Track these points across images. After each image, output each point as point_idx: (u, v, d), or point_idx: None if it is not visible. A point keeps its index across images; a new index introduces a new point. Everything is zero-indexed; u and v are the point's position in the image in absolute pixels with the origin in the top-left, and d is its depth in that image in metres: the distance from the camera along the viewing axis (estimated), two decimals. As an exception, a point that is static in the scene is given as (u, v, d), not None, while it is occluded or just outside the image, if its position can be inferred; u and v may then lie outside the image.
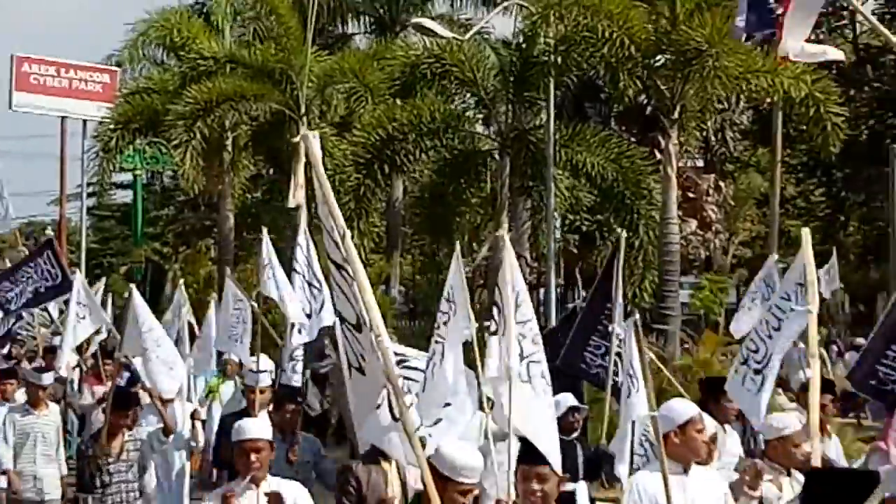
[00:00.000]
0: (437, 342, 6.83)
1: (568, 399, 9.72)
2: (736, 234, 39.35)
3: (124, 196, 44.75)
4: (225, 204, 28.28)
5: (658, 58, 20.66)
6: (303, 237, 12.44)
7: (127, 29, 29.26)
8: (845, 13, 29.52)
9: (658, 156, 28.38)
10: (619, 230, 8.23)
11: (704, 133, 28.42)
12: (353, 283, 5.90)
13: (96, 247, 46.86)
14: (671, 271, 21.22)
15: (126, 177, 38.43)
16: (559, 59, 21.43)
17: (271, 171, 32.87)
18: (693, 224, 32.58)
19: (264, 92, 25.49)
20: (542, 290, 35.17)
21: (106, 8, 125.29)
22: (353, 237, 19.12)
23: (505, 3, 23.90)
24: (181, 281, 18.05)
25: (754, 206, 39.21)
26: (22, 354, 18.86)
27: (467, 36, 23.41)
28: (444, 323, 6.88)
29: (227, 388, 14.72)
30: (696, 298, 30.61)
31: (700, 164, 34.39)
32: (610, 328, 10.02)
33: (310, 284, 12.06)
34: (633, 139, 28.69)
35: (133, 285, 12.23)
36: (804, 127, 28.89)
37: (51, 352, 15.46)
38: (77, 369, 15.39)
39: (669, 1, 20.48)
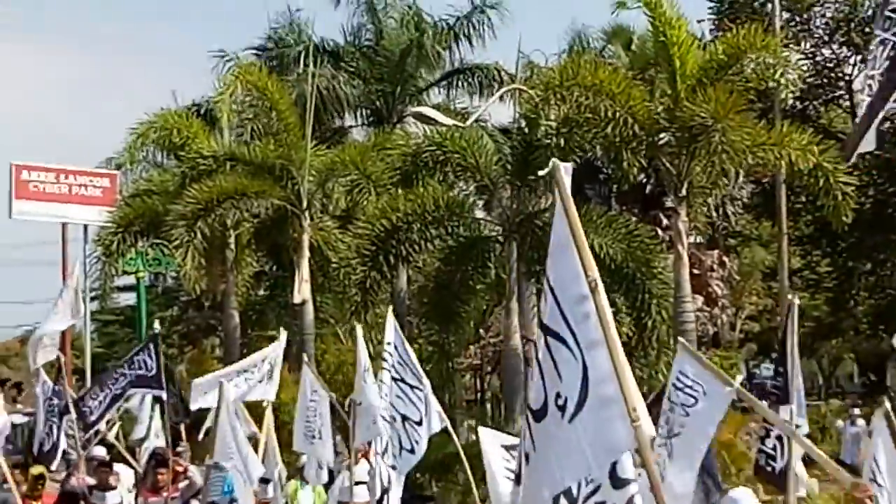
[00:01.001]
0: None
1: None
2: (742, 309, 39.14)
3: (127, 299, 44.56)
4: (229, 302, 28.05)
5: (662, 135, 20.58)
6: (393, 334, 11.90)
7: (126, 132, 29.29)
8: (841, 83, 29.62)
9: (661, 234, 28.36)
10: (790, 297, 8.06)
11: (706, 209, 28.37)
12: (576, 353, 4.98)
13: (101, 351, 46.53)
14: (689, 350, 20.88)
15: (129, 280, 38.27)
16: (562, 142, 21.34)
17: (274, 267, 32.74)
18: (699, 300, 32.40)
19: (265, 188, 25.41)
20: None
21: (102, 111, 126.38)
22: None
23: (506, 88, 23.92)
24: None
25: (759, 279, 39.06)
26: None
27: (468, 122, 23.37)
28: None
29: (306, 496, 14.42)
30: (707, 375, 30.29)
31: (700, 240, 34.35)
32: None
33: (412, 386, 11.61)
34: (633, 218, 28.61)
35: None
36: (810, 198, 29.00)
37: (104, 465, 15.17)
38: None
39: (670, 78, 20.45)
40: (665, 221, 31.12)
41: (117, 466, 15.30)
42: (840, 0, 28.35)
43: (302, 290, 25.47)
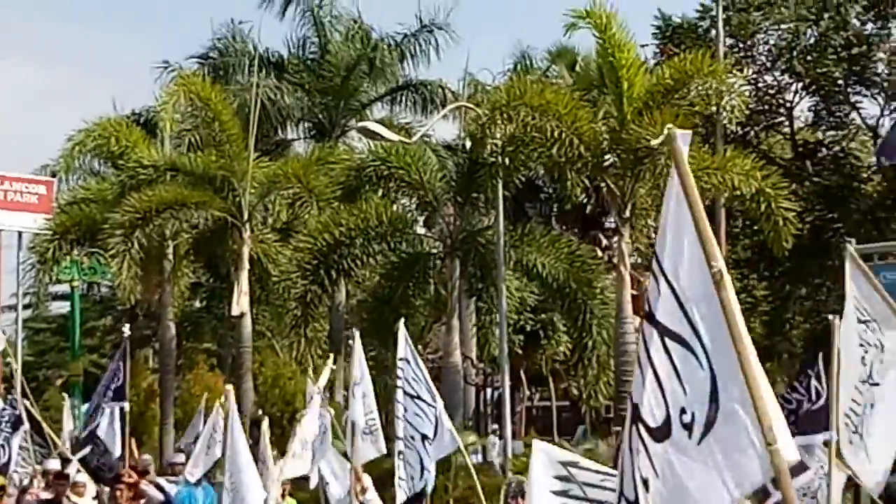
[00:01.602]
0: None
1: None
2: (679, 331, 39.33)
3: (60, 307, 43.93)
4: (165, 313, 27.67)
5: (607, 157, 20.64)
6: (405, 348, 11.63)
7: (63, 138, 28.81)
8: (782, 110, 29.90)
9: (600, 254, 28.48)
10: (831, 317, 7.73)
11: (645, 231, 28.55)
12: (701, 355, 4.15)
13: (31, 359, 45.72)
14: (629, 371, 20.93)
15: (62, 287, 37.67)
16: (507, 160, 21.34)
17: (211, 279, 32.38)
18: (637, 321, 32.56)
19: (206, 199, 25.15)
20: (489, 391, 34.84)
21: (37, 117, 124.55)
22: (300, 344, 18.65)
23: (453, 106, 23.89)
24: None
25: (696, 301, 39.27)
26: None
27: (414, 138, 23.32)
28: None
29: None
30: (644, 396, 30.46)
31: (639, 260, 34.54)
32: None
33: (428, 404, 11.34)
34: (575, 238, 28.74)
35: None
36: (747, 222, 29.24)
37: (60, 477, 14.89)
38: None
39: (617, 100, 20.53)
40: (605, 242, 31.31)
41: (81, 477, 15.06)
42: (783, 28, 28.62)
43: (241, 303, 25.22)
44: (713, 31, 26.43)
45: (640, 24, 39.34)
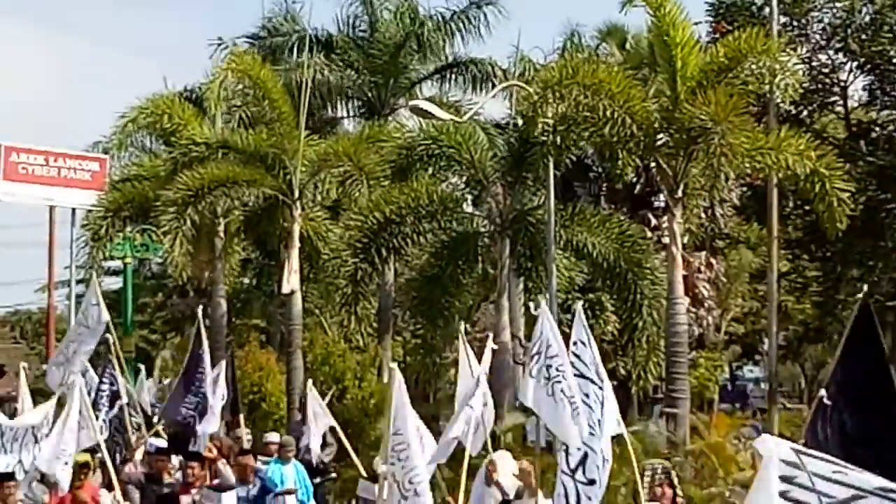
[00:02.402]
0: None
1: None
2: (728, 311, 39.14)
3: (112, 283, 44.30)
4: (217, 290, 27.85)
5: (659, 136, 20.50)
6: (581, 330, 11.57)
7: (116, 116, 29.06)
8: (836, 89, 29.59)
9: (650, 234, 28.32)
10: (860, 287, 7.52)
11: (696, 211, 28.37)
12: None
13: (84, 335, 46.26)
14: (679, 353, 20.89)
15: (114, 263, 38.05)
16: (558, 140, 21.22)
17: (261, 256, 32.58)
18: (686, 301, 32.46)
19: (257, 177, 25.22)
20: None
21: (91, 95, 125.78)
22: (349, 322, 18.86)
23: (505, 85, 23.81)
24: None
25: (746, 282, 39.08)
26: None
27: (465, 117, 23.26)
28: None
29: None
30: (692, 376, 30.37)
31: (687, 240, 34.35)
32: None
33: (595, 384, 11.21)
34: (623, 218, 28.65)
35: None
36: (800, 202, 28.96)
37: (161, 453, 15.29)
38: None
39: (670, 79, 20.38)
40: (654, 222, 31.12)
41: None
42: (838, 6, 28.28)
43: (291, 281, 25.32)
44: (767, 9, 26.15)
45: (694, 2, 39.01)
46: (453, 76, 32.89)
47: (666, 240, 22.33)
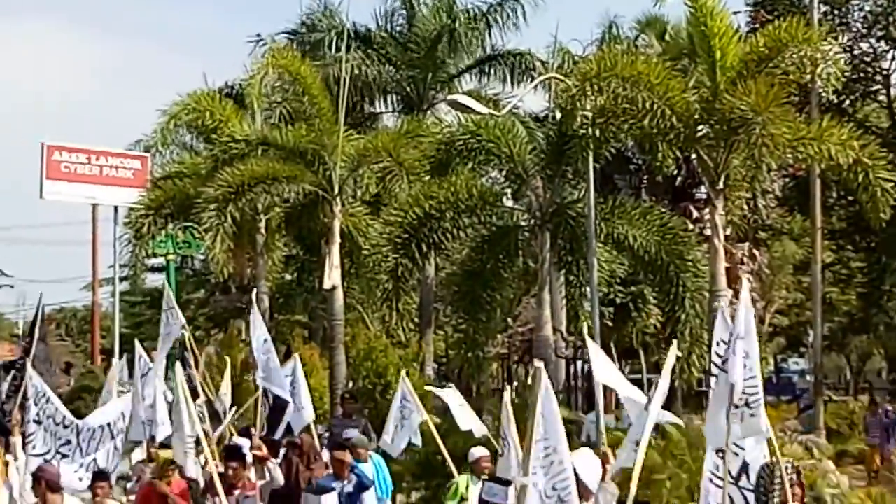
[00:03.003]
0: None
1: None
2: (772, 303, 38.87)
3: (155, 280, 44.66)
4: (259, 286, 27.97)
5: (699, 127, 20.35)
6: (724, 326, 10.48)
7: (157, 113, 29.24)
8: (879, 77, 29.31)
9: (691, 226, 28.16)
10: None
11: (738, 202, 28.20)
12: None
13: (128, 332, 46.61)
14: (723, 345, 20.71)
15: (157, 260, 38.36)
16: (597, 132, 21.12)
17: (302, 251, 32.69)
18: (729, 293, 32.26)
19: (297, 173, 25.29)
20: (579, 364, 34.76)
21: (131, 92, 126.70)
22: (391, 317, 18.77)
23: (543, 78, 23.73)
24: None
25: (789, 273, 38.80)
26: None
27: (504, 111, 23.20)
28: None
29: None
30: (736, 369, 30.14)
31: (729, 232, 34.11)
32: None
33: None
34: (664, 210, 28.53)
35: None
36: (843, 192, 28.72)
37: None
38: None
39: (709, 70, 20.22)
40: (695, 214, 30.94)
41: None
42: (879, -7, 28.10)
43: (332, 277, 25.38)
44: (807, -2, 25.94)
45: (732, -8, 38.69)
46: (492, 69, 32.90)
47: (708, 231, 22.19)
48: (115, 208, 34.81)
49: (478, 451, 13.72)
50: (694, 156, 22.07)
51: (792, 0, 28.50)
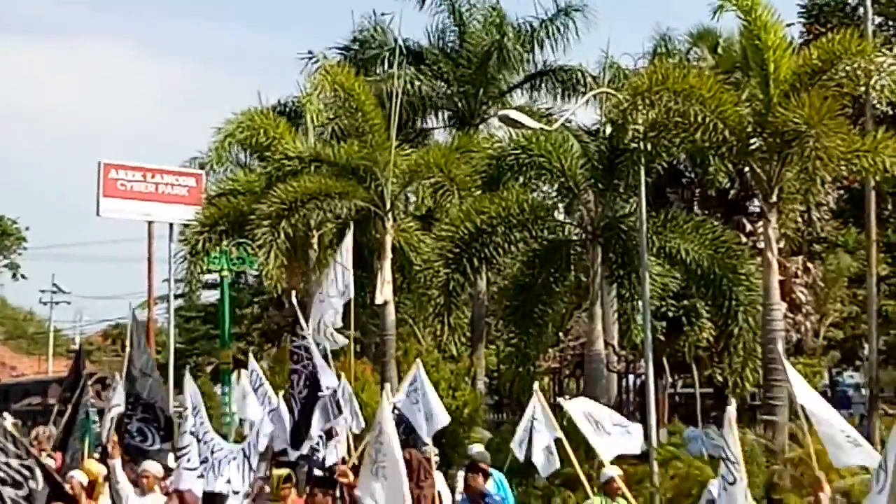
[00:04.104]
0: None
1: None
2: (826, 316, 38.45)
3: (209, 296, 45.08)
4: (312, 302, 28.14)
5: (752, 141, 20.27)
6: None
7: (211, 131, 29.58)
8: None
9: (744, 239, 28.01)
10: None
11: (792, 215, 28.00)
12: None
13: (183, 347, 47.10)
14: (776, 359, 20.60)
15: (212, 276, 38.73)
16: (649, 146, 21.12)
17: (354, 267, 32.82)
18: (783, 307, 32.01)
19: (349, 189, 25.49)
20: (631, 378, 34.62)
21: (185, 111, 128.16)
22: (442, 332, 18.63)
23: (594, 92, 23.74)
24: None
25: (844, 286, 38.39)
26: None
27: (555, 126, 23.26)
28: None
29: None
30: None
31: (782, 245, 33.83)
32: None
33: None
34: (716, 224, 28.37)
35: None
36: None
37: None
38: None
39: (762, 83, 20.15)
40: (748, 227, 30.75)
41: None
42: (934, 3, 27.83)
43: (384, 292, 25.51)
44: (861, 9, 25.76)
45: (786, 4, 38.51)
46: (543, 84, 32.94)
47: (761, 245, 22.08)
48: (171, 225, 35.21)
49: (610, 471, 13.21)
50: (747, 169, 21.99)
51: (846, 11, 28.35)
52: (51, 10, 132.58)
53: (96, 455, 15.47)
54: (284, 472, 12.84)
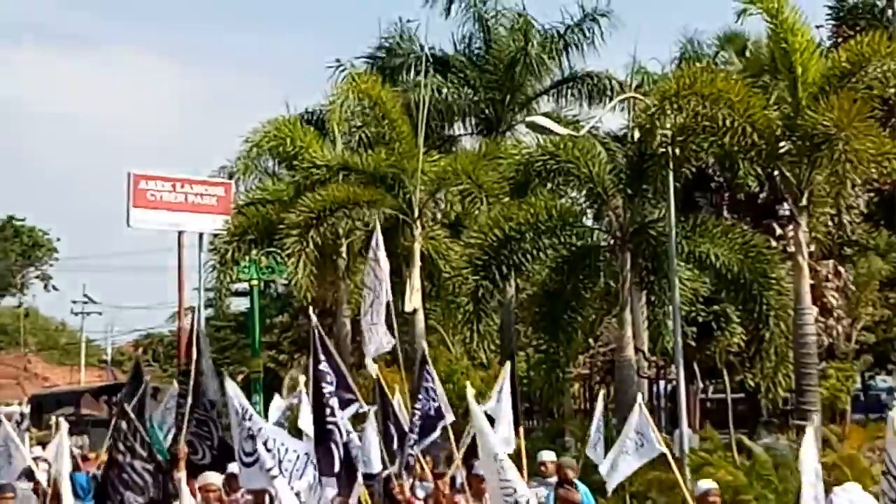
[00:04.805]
0: None
1: None
2: (858, 320, 38.17)
3: (239, 304, 45.18)
4: (342, 310, 28.22)
5: (781, 144, 20.16)
6: None
7: (239, 141, 29.67)
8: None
9: (774, 244, 27.86)
10: None
11: (824, 218, 27.83)
12: None
13: (213, 356, 47.06)
14: (809, 364, 20.50)
15: (241, 285, 38.79)
16: (677, 151, 21.04)
17: (383, 275, 32.85)
18: (814, 311, 31.79)
19: (377, 197, 25.53)
20: (661, 384, 34.47)
21: (213, 120, 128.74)
22: (472, 339, 18.42)
23: (621, 97, 23.69)
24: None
25: (876, 289, 38.10)
26: None
27: (582, 132, 23.20)
28: None
29: None
30: (823, 387, 29.68)
31: (813, 248, 33.61)
32: None
33: None
34: (748, 228, 28.22)
35: None
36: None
37: None
38: None
39: (791, 86, 20.05)
40: (778, 231, 30.60)
41: None
42: (963, 4, 27.58)
43: (413, 299, 25.51)
44: (889, 11, 25.62)
45: (814, 6, 38.34)
46: (570, 90, 32.84)
47: (792, 249, 21.96)
48: (200, 235, 35.28)
49: (705, 484, 12.73)
50: (776, 173, 21.85)
51: (874, 14, 28.17)
52: (81, 21, 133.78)
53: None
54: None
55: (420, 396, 13.44)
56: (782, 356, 21.84)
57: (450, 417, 13.23)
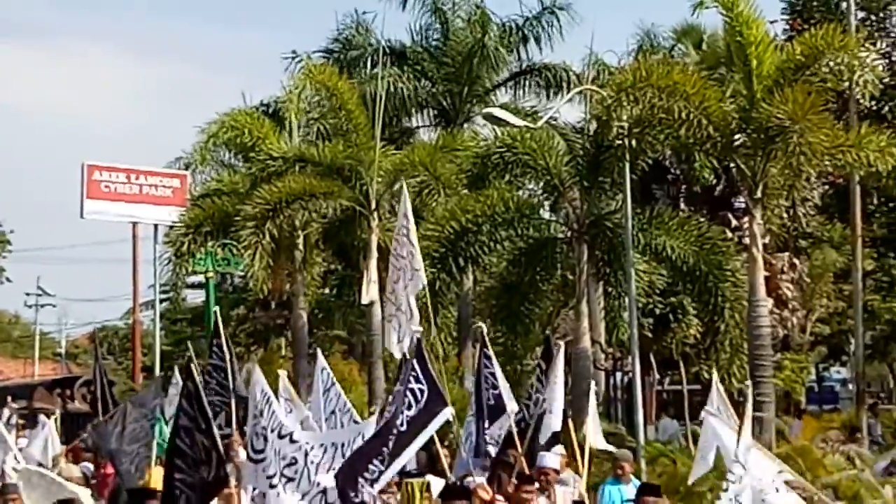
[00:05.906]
0: None
1: None
2: (813, 312, 38.50)
3: (195, 297, 44.92)
4: (298, 302, 28.10)
5: (737, 136, 20.27)
6: None
7: (195, 132, 29.43)
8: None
9: (730, 235, 28.03)
10: None
11: (779, 211, 28.02)
12: None
13: (169, 349, 46.83)
14: (763, 355, 20.61)
15: (197, 277, 38.57)
16: (633, 143, 21.07)
17: (341, 266, 32.80)
18: (769, 303, 32.02)
19: (334, 189, 25.42)
20: (618, 375, 34.60)
21: (169, 112, 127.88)
22: (429, 332, 18.25)
23: (578, 90, 23.73)
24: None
25: (830, 281, 38.44)
26: None
27: (539, 123, 23.21)
28: None
29: None
30: (778, 378, 29.95)
31: (768, 241, 33.82)
32: None
33: None
34: (704, 220, 28.37)
35: None
36: (883, 199, 28.48)
37: None
38: None
39: (746, 79, 20.15)
40: (734, 223, 30.79)
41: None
42: (917, -2, 27.89)
43: (370, 291, 25.43)
44: (844, 4, 25.80)
45: (769, 0, 38.55)
46: (527, 82, 32.88)
47: (747, 241, 22.09)
48: (155, 227, 35.07)
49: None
50: (732, 165, 22.00)
51: (829, 7, 28.37)
52: (34, 12, 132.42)
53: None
54: (422, 480, 11.60)
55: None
56: (737, 347, 21.98)
57: (512, 406, 12.86)
